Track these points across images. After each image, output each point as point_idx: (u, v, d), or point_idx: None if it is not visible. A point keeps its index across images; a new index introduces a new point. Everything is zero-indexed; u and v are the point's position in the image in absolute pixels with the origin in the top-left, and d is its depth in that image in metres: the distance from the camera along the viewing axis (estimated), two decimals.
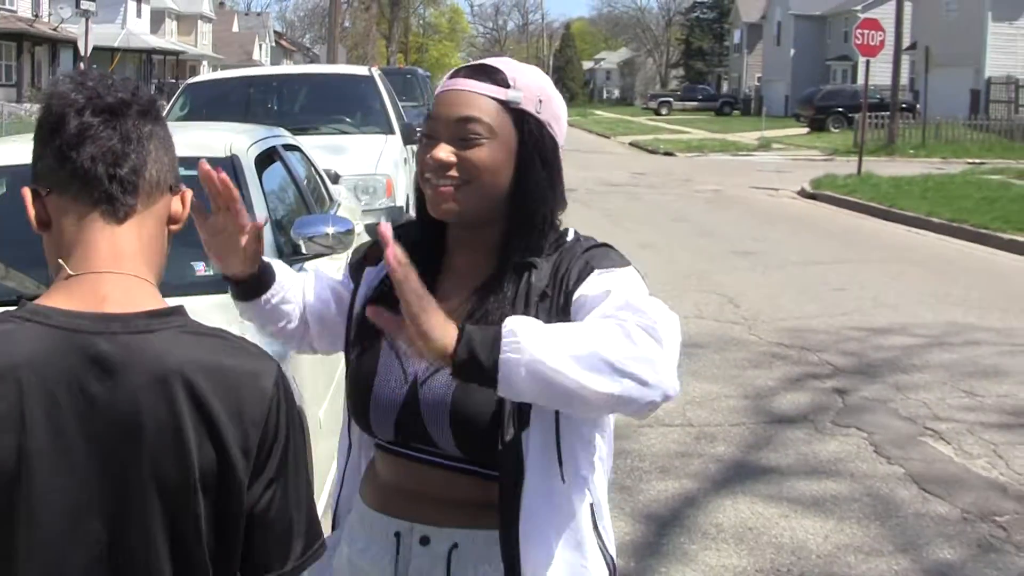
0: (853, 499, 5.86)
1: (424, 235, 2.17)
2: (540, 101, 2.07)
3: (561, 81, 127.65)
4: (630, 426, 6.93)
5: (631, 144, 43.87)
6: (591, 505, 2.08)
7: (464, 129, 2.01)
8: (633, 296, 1.93)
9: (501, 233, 2.09)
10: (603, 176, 26.57)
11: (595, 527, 2.09)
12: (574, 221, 2.22)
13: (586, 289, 1.99)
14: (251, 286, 2.22)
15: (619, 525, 5.23)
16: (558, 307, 2.01)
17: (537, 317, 1.91)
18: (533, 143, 2.05)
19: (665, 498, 5.90)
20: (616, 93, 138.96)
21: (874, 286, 12.10)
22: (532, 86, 2.07)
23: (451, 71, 2.13)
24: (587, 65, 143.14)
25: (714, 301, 11.05)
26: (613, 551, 2.15)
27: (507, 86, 2.05)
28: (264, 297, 2.25)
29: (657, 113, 78.57)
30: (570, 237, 2.14)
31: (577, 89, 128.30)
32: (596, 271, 2.01)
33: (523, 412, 1.96)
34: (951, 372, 8.42)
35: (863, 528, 5.50)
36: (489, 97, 2.04)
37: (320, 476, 4.40)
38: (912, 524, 5.56)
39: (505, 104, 2.03)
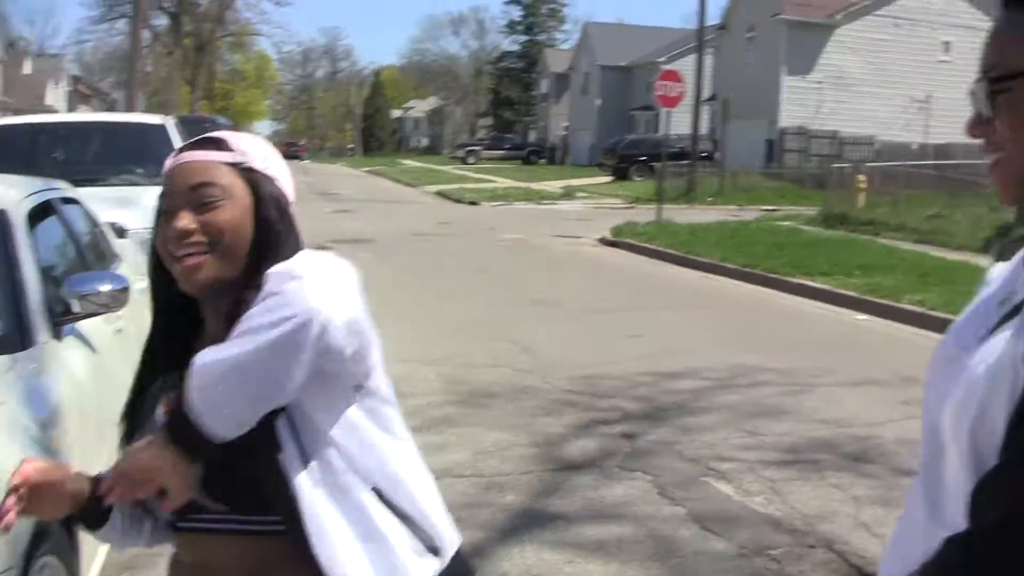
0: (636, 541, 5.97)
1: (172, 316, 2.20)
2: (265, 159, 2.15)
3: (370, 129, 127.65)
4: None
5: (437, 194, 44.01)
6: (375, 490, 2.07)
7: (200, 195, 2.06)
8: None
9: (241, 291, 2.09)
10: (407, 226, 26.61)
11: (391, 508, 2.08)
12: (374, 272, 2.26)
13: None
14: (90, 516, 2.14)
15: None
16: None
17: None
18: (268, 197, 2.11)
19: None
20: (425, 142, 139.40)
21: (668, 331, 12.39)
22: (254, 148, 2.16)
23: (175, 151, 2.18)
24: (396, 114, 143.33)
25: (510, 350, 11.13)
26: (434, 523, 2.16)
27: (230, 151, 2.12)
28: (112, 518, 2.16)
29: (464, 162, 78.96)
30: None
31: (386, 138, 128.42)
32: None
33: (271, 438, 1.99)
34: (735, 413, 8.67)
35: (644, 569, 5.59)
36: (219, 162, 2.10)
37: None
38: (691, 562, 5.69)
39: (235, 165, 2.10)
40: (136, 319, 5.63)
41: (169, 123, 13.11)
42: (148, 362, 2.21)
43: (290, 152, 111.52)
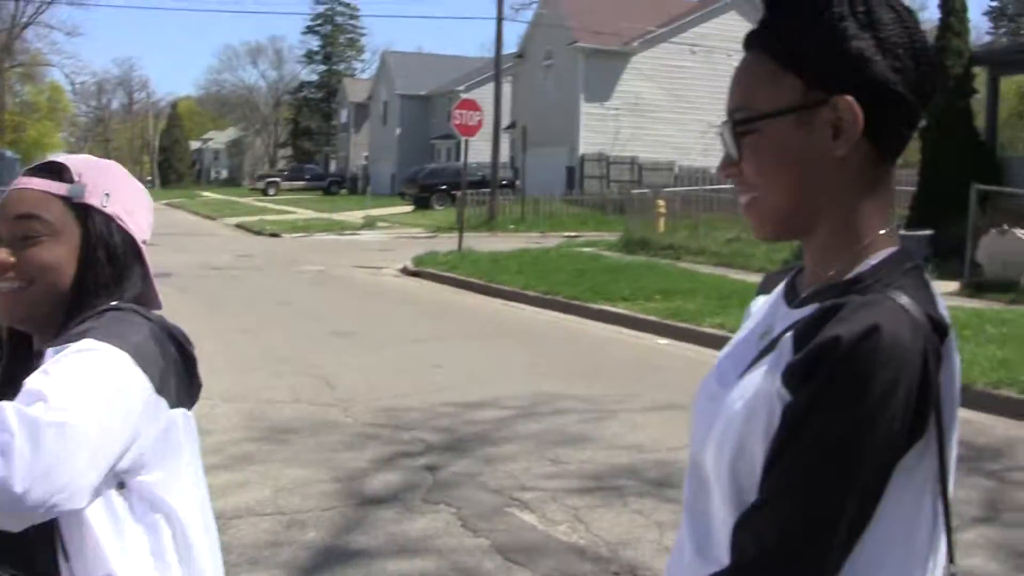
0: (440, 574, 5.94)
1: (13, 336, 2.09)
2: (107, 195, 2.02)
3: (168, 162, 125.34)
4: (220, 518, 6.76)
5: (237, 226, 43.48)
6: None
7: (24, 227, 1.96)
8: (60, 381, 1.77)
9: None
10: (205, 259, 26.17)
11: None
12: (172, 307, 2.15)
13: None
14: None
15: None
16: None
17: None
18: (97, 239, 1.99)
19: None
20: (224, 173, 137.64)
21: (469, 361, 12.42)
22: (99, 180, 2.03)
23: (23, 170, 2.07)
24: (195, 145, 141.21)
25: (311, 384, 11.01)
26: None
27: (72, 182, 2.00)
28: None
29: (265, 193, 78.25)
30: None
31: (184, 170, 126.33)
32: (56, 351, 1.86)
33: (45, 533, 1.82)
34: (538, 442, 8.71)
35: None
36: (50, 194, 1.98)
37: None
38: None
39: (68, 199, 1.98)
40: None
41: None
42: None
43: None
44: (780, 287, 1.65)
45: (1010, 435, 9.08)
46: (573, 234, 33.86)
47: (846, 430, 1.32)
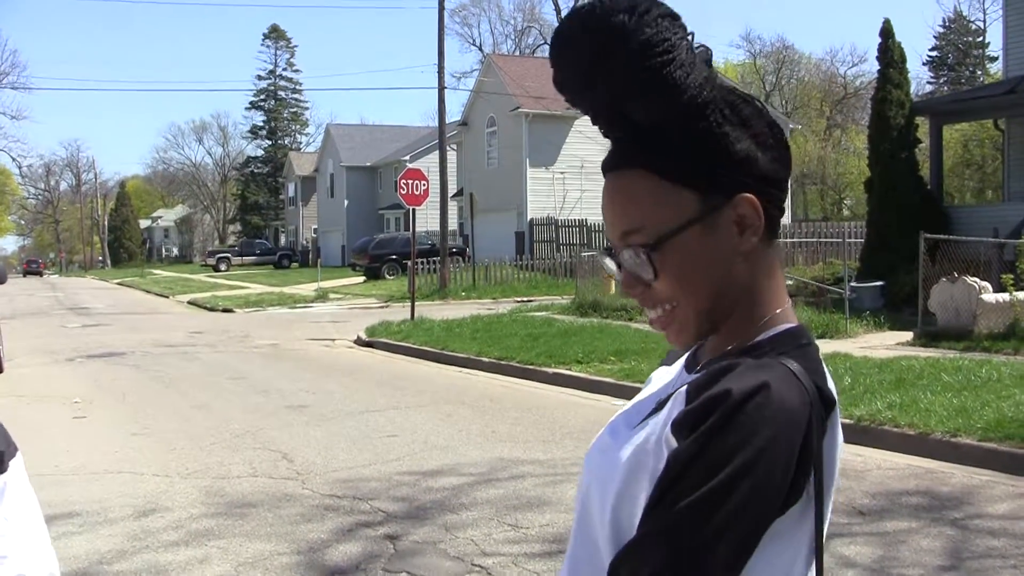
0: None
1: None
2: None
3: (118, 241, 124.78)
4: None
5: (190, 303, 43.38)
6: None
7: None
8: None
9: None
10: (159, 337, 26.11)
11: None
12: (126, 386, 2.20)
13: (8, 493, 1.92)
14: None
15: None
16: None
17: None
18: None
19: None
20: (175, 251, 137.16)
21: (425, 429, 12.45)
22: None
23: None
24: (144, 223, 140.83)
25: (268, 458, 11.00)
26: None
27: None
28: None
29: (216, 269, 78.17)
30: None
31: (135, 248, 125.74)
32: (8, 462, 1.93)
33: None
34: (497, 507, 8.75)
35: None
36: None
37: None
38: None
39: None
40: None
41: None
42: None
43: (31, 269, 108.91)
44: (682, 359, 1.74)
45: (969, 483, 9.19)
46: (525, 299, 34.01)
47: (726, 478, 1.36)
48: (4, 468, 1.87)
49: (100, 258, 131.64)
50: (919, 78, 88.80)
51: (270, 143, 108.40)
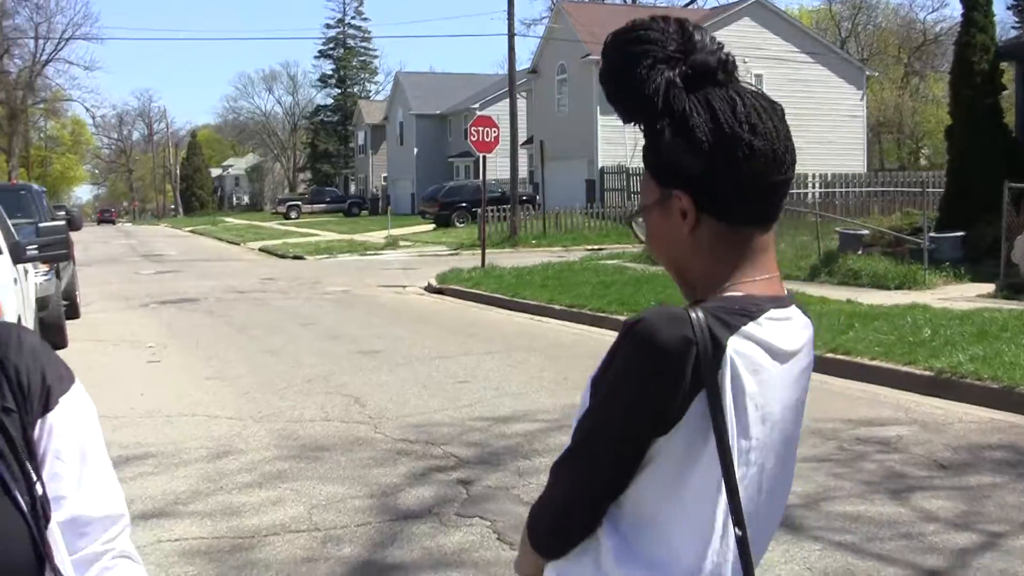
0: None
1: None
2: None
3: (190, 189, 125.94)
4: (256, 535, 6.80)
5: (261, 250, 43.64)
6: None
7: None
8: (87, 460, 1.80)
9: None
10: (231, 284, 26.30)
11: None
12: (200, 332, 2.12)
13: (58, 431, 1.78)
14: None
15: None
16: (24, 423, 1.77)
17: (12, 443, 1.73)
18: None
19: None
20: (246, 199, 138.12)
21: (497, 376, 12.39)
22: None
23: None
24: (215, 172, 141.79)
25: (340, 402, 11.01)
26: None
27: None
28: None
29: (287, 217, 78.54)
30: None
31: (206, 197, 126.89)
32: (58, 398, 1.79)
33: None
34: None
35: None
36: None
37: None
38: None
39: None
40: None
41: None
42: None
43: (104, 218, 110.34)
44: None
45: None
46: (596, 247, 33.83)
47: (607, 387, 1.81)
48: (51, 405, 1.78)
49: (172, 206, 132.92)
50: (1003, 22, 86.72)
51: (339, 92, 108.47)
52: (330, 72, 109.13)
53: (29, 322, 11.97)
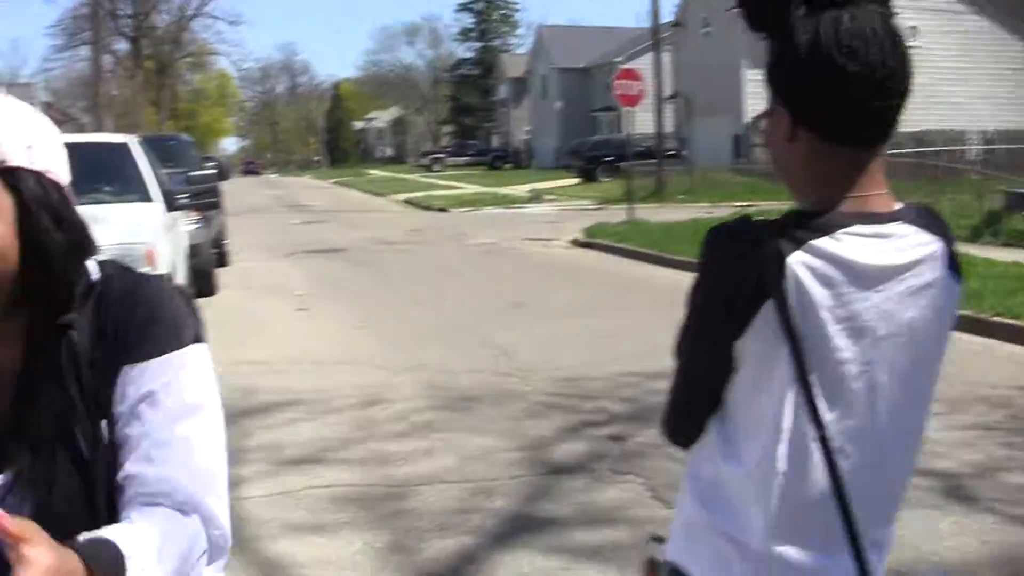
0: (632, 546, 5.76)
1: None
2: (30, 148, 1.68)
3: (334, 142, 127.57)
4: (407, 484, 6.77)
5: (406, 202, 43.94)
6: None
7: None
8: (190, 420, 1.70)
9: (26, 317, 1.73)
10: (376, 235, 26.50)
11: None
12: (348, 282, 2.02)
13: (142, 384, 1.69)
14: None
15: None
16: (107, 376, 1.69)
17: (92, 394, 1.67)
18: (37, 202, 1.67)
19: (445, 556, 5.72)
20: (389, 151, 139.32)
21: (648, 331, 12.16)
22: (15, 134, 1.67)
23: None
24: (358, 125, 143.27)
25: (488, 354, 10.96)
26: None
27: None
28: None
29: (430, 170, 79.08)
30: (96, 275, 1.77)
31: (350, 149, 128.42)
32: (155, 359, 1.69)
33: None
34: None
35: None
36: None
37: None
38: None
39: None
40: None
41: (132, 142, 12.88)
42: None
43: (249, 169, 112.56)
44: None
45: None
46: (744, 204, 33.22)
47: (690, 291, 1.97)
48: (142, 358, 1.68)
49: (316, 158, 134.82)
50: None
51: (480, 45, 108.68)
52: (471, 26, 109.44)
53: (181, 269, 12.14)
